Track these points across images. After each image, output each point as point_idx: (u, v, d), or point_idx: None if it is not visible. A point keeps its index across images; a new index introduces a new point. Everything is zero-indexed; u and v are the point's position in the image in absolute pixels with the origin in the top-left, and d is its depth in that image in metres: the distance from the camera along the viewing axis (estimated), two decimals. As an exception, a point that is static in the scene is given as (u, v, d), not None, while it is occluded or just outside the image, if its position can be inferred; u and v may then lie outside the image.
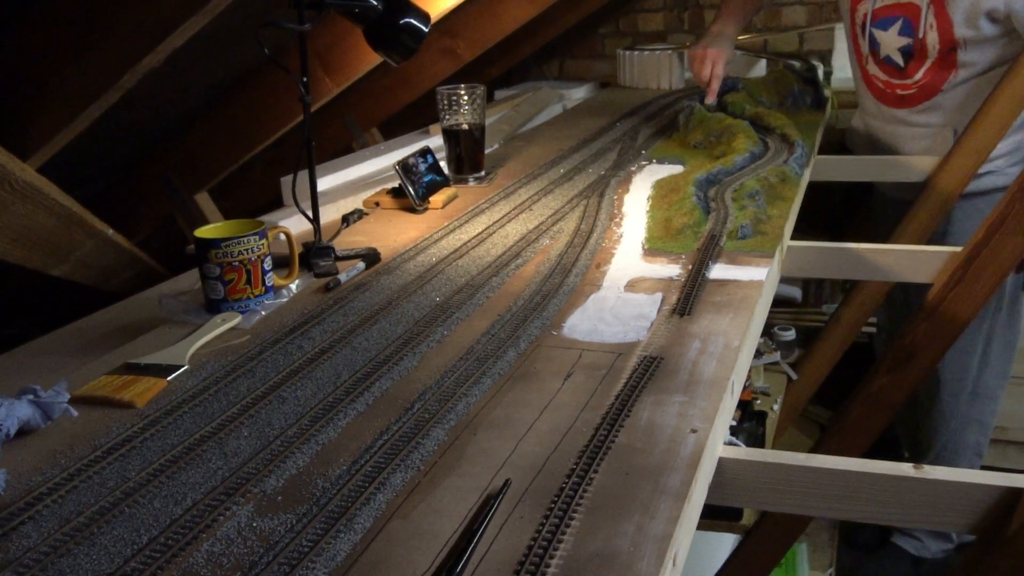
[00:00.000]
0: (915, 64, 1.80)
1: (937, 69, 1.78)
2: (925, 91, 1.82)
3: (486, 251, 1.24)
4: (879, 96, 1.91)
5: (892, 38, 1.81)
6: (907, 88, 1.84)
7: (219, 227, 1.08)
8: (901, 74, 1.83)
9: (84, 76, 1.25)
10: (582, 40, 3.55)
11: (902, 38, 1.79)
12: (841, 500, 0.83)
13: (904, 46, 1.79)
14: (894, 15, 1.80)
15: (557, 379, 0.85)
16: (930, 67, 1.78)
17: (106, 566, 0.59)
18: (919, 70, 1.80)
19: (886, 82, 1.88)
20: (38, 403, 0.79)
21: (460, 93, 1.60)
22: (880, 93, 1.91)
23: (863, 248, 1.35)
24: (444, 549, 0.60)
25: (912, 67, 1.81)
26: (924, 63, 1.79)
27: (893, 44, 1.81)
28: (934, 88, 1.80)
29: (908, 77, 1.82)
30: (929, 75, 1.79)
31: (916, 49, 1.78)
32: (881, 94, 1.91)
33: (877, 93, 1.92)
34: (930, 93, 1.81)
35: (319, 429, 0.76)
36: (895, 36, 1.80)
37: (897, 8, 1.79)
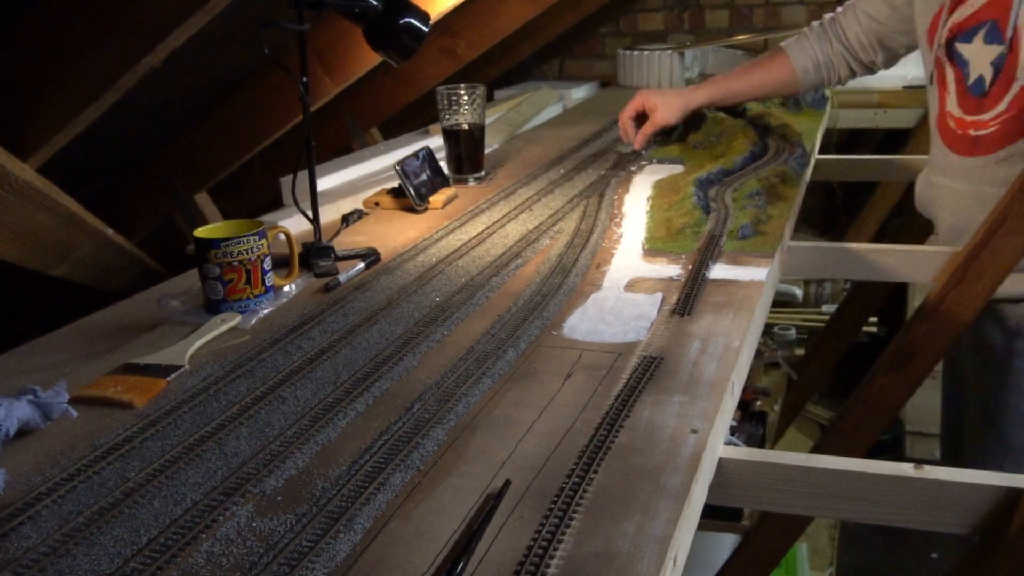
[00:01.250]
0: (999, 88, 1.28)
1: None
2: (1008, 129, 1.28)
3: (486, 251, 1.24)
4: (949, 142, 1.39)
5: (980, 50, 1.30)
6: (984, 125, 1.31)
7: (219, 227, 1.08)
8: (979, 104, 1.31)
9: (84, 76, 1.25)
10: (582, 40, 3.55)
11: (991, 47, 1.28)
12: (841, 500, 0.83)
13: (996, 58, 1.28)
14: (982, 20, 1.30)
15: (557, 379, 0.85)
16: (1020, 92, 1.26)
17: (106, 566, 0.59)
18: (1003, 96, 1.28)
19: (959, 120, 1.35)
20: (38, 403, 0.79)
21: (460, 93, 1.60)
22: (951, 137, 1.38)
23: (863, 248, 1.34)
24: (444, 549, 0.60)
25: (995, 92, 1.28)
26: (1011, 86, 1.26)
27: (983, 58, 1.30)
28: (1023, 125, 1.28)
29: (987, 109, 1.30)
30: (1017, 106, 1.26)
31: (1008, 61, 1.26)
32: (952, 138, 1.38)
33: (948, 137, 1.39)
34: (1016, 133, 1.28)
35: (319, 429, 0.76)
36: (982, 46, 1.29)
37: (985, 9, 1.30)
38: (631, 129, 1.70)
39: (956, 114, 1.36)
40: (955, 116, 1.36)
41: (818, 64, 1.62)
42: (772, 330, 2.96)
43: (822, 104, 2.28)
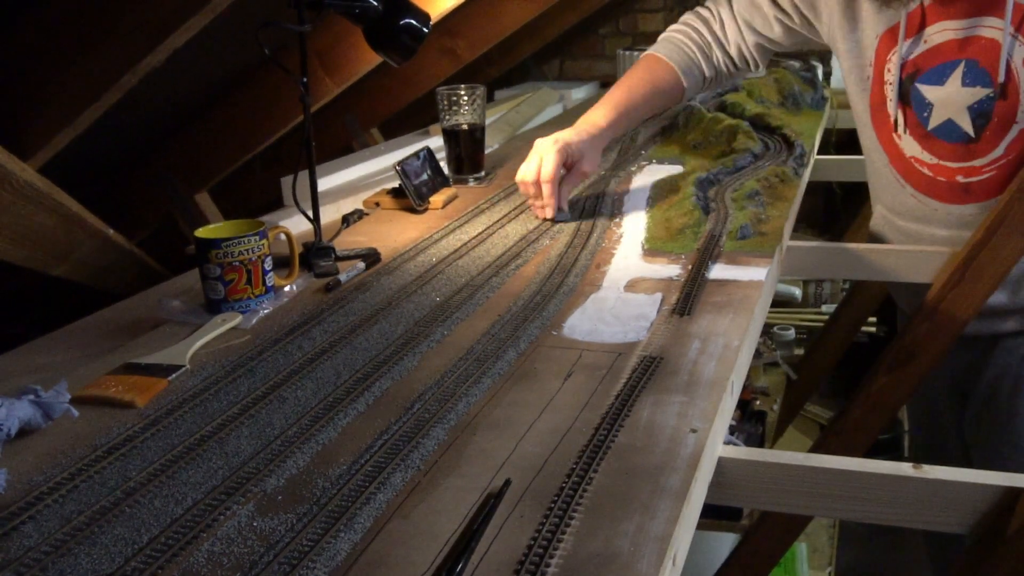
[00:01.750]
0: (993, 133, 1.19)
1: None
2: (1006, 175, 1.21)
3: (486, 251, 1.24)
4: (925, 188, 1.29)
5: (955, 93, 1.20)
6: (977, 172, 1.22)
7: (219, 227, 1.08)
8: (968, 151, 1.22)
9: (84, 76, 1.25)
10: (582, 40, 3.56)
11: (972, 89, 1.19)
12: (841, 500, 0.83)
13: (978, 103, 1.19)
14: (951, 59, 1.20)
15: (557, 379, 0.85)
16: (1019, 136, 1.18)
17: (107, 566, 0.60)
18: (999, 142, 1.19)
19: (936, 166, 1.26)
20: (39, 403, 0.79)
21: (460, 93, 1.61)
22: (927, 184, 1.28)
23: (863, 248, 1.35)
24: (444, 549, 0.60)
25: (988, 137, 1.20)
26: (1008, 130, 1.18)
27: (959, 103, 1.20)
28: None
29: (979, 156, 1.21)
30: (1016, 150, 1.19)
31: (999, 107, 1.18)
32: (929, 185, 1.28)
33: (921, 183, 1.29)
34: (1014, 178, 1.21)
35: (319, 429, 0.76)
36: (959, 89, 1.20)
37: (953, 48, 1.20)
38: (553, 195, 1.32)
39: (928, 160, 1.27)
40: (927, 163, 1.27)
41: (704, 78, 1.50)
42: (771, 330, 2.96)
43: (821, 104, 2.28)
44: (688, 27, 1.49)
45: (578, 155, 1.33)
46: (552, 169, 1.30)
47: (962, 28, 1.19)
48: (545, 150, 1.31)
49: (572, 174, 1.34)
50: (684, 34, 1.49)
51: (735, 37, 1.47)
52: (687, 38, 1.49)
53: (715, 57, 1.49)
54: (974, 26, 1.18)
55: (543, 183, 1.30)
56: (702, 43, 1.48)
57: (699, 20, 1.49)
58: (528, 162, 1.33)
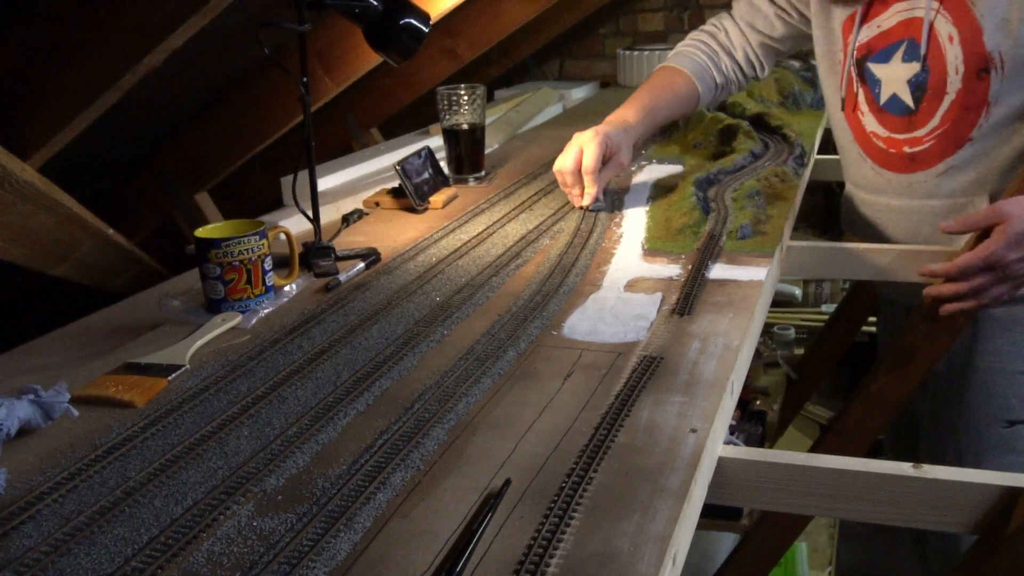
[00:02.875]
0: (928, 104, 1.28)
1: (960, 109, 1.25)
2: (944, 144, 1.28)
3: (486, 251, 1.24)
4: (881, 160, 1.38)
5: (896, 69, 1.30)
6: (919, 142, 1.31)
7: (219, 227, 1.08)
8: (910, 122, 1.31)
9: (84, 76, 1.25)
10: (582, 40, 3.56)
11: (909, 65, 1.29)
12: (841, 500, 0.83)
13: (915, 76, 1.28)
14: (896, 40, 1.30)
15: (557, 379, 0.85)
16: (951, 107, 1.26)
17: (107, 565, 0.60)
18: (935, 112, 1.28)
19: (888, 139, 1.35)
20: (39, 403, 0.79)
21: (460, 93, 1.61)
22: (882, 156, 1.37)
23: (863, 248, 1.35)
24: (444, 549, 0.60)
25: (925, 108, 1.28)
26: (941, 101, 1.27)
27: (899, 77, 1.30)
28: (958, 138, 1.27)
29: (919, 126, 1.30)
30: (950, 119, 1.27)
31: (931, 80, 1.26)
32: (883, 157, 1.37)
33: (878, 156, 1.38)
34: (951, 146, 1.28)
35: (319, 429, 0.76)
36: (900, 65, 1.30)
37: (899, 29, 1.30)
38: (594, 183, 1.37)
39: (882, 134, 1.36)
40: (882, 136, 1.36)
41: (717, 85, 1.58)
42: (772, 330, 2.97)
43: (821, 104, 2.28)
44: (696, 40, 1.60)
45: (616, 147, 1.39)
46: (593, 159, 1.34)
47: (905, 10, 1.29)
48: (585, 141, 1.36)
49: (610, 165, 1.39)
50: (693, 46, 1.58)
51: (740, 41, 1.57)
52: (696, 49, 1.58)
53: (723, 64, 1.57)
54: (913, 7, 1.28)
55: (585, 173, 1.35)
56: (710, 52, 1.57)
57: (705, 33, 1.60)
58: (567, 153, 1.37)
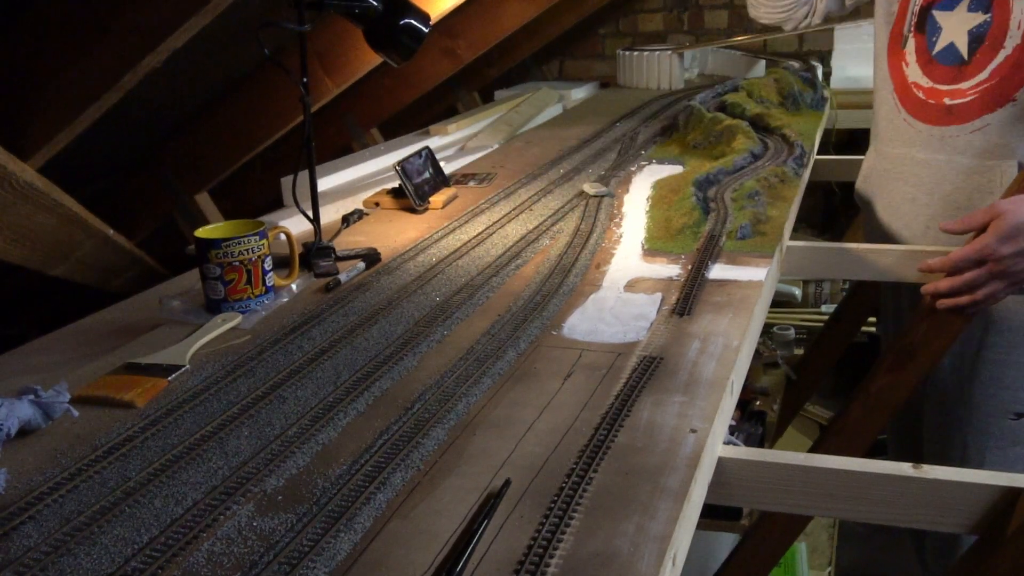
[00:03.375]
0: (983, 56, 1.26)
1: (1013, 65, 1.23)
2: (987, 99, 1.26)
3: (486, 251, 1.24)
4: (916, 111, 1.36)
5: (960, 18, 1.28)
6: (962, 95, 1.29)
7: (219, 227, 1.08)
8: (959, 72, 1.29)
9: (84, 76, 1.25)
10: (582, 40, 3.56)
11: (974, 15, 1.27)
12: (841, 500, 0.83)
13: (977, 27, 1.26)
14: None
15: (557, 379, 0.85)
16: (1004, 61, 1.23)
17: (107, 565, 0.60)
18: (987, 65, 1.26)
19: (930, 89, 1.33)
20: (39, 403, 0.79)
21: None
22: (918, 106, 1.35)
23: (863, 248, 1.34)
24: (444, 549, 0.60)
25: (978, 60, 1.27)
26: (996, 54, 1.24)
27: (961, 26, 1.28)
28: (1002, 95, 1.25)
29: (967, 78, 1.28)
30: (1000, 74, 1.24)
31: (992, 30, 1.24)
32: (920, 107, 1.35)
33: (914, 106, 1.36)
34: (994, 102, 1.26)
35: (319, 429, 0.76)
36: (964, 14, 1.28)
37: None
38: None
39: (925, 84, 1.34)
40: (923, 86, 1.35)
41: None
42: (771, 330, 2.96)
43: (821, 104, 2.28)
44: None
45: None
46: None
47: None
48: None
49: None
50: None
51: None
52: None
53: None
54: None
55: None
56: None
57: None
58: None
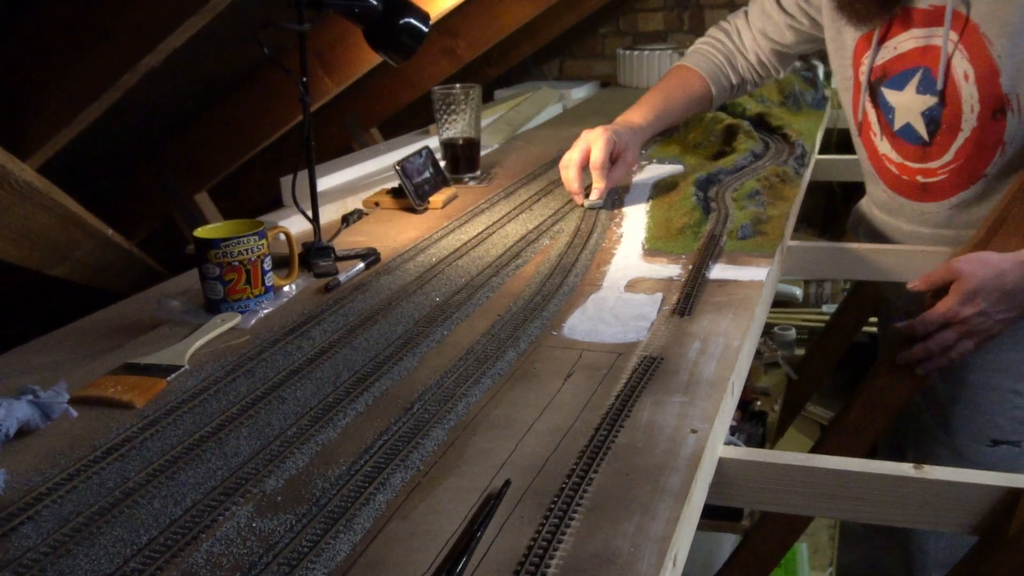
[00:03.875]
0: (943, 138, 1.25)
1: (975, 146, 1.22)
2: (958, 179, 1.26)
3: (486, 251, 1.24)
4: (894, 186, 1.35)
5: (911, 99, 1.26)
6: (932, 174, 1.28)
7: (219, 227, 1.08)
8: (924, 153, 1.28)
9: (84, 76, 1.25)
10: (582, 40, 3.55)
11: (925, 97, 1.24)
12: (841, 500, 0.83)
13: (928, 110, 1.24)
14: (912, 66, 1.25)
15: (557, 379, 0.85)
16: (965, 143, 1.23)
17: (106, 566, 0.59)
18: (949, 147, 1.24)
19: (901, 165, 1.32)
20: (38, 403, 0.79)
21: (456, 94, 1.61)
22: (894, 181, 1.35)
23: (863, 248, 1.34)
24: (444, 549, 0.60)
25: (940, 142, 1.25)
26: (956, 137, 1.23)
27: (914, 108, 1.26)
28: (973, 173, 1.24)
29: (933, 159, 1.27)
30: (964, 155, 1.24)
31: (945, 114, 1.23)
32: (896, 182, 1.35)
33: (890, 180, 1.36)
34: (966, 181, 1.26)
35: (319, 429, 0.76)
36: (914, 96, 1.25)
37: (916, 55, 1.25)
38: (602, 178, 1.39)
39: (895, 159, 1.33)
40: (895, 161, 1.34)
41: (732, 85, 1.60)
42: (772, 330, 2.96)
43: (822, 104, 2.28)
44: (713, 39, 1.60)
45: (623, 146, 1.41)
46: (602, 155, 1.37)
47: (923, 36, 1.24)
48: (593, 138, 1.38)
49: (617, 164, 1.41)
50: (710, 45, 1.59)
51: (752, 46, 1.57)
52: (713, 48, 1.59)
53: (739, 65, 1.58)
54: (931, 35, 1.23)
55: (593, 168, 1.38)
56: (726, 52, 1.58)
57: (721, 32, 1.60)
58: (574, 148, 1.39)
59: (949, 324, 1.17)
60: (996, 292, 1.14)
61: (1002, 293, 1.14)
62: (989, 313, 1.15)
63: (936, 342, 1.19)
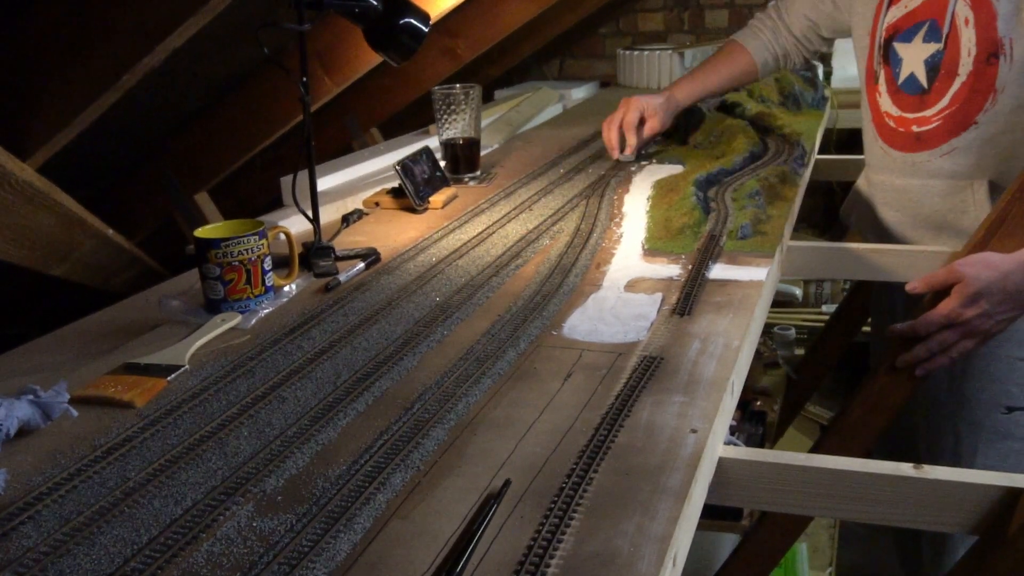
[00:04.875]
0: (941, 84, 1.32)
1: (969, 91, 1.29)
2: (951, 124, 1.32)
3: (486, 251, 1.24)
4: (889, 139, 1.43)
5: (917, 49, 1.34)
6: (927, 122, 1.35)
7: (219, 227, 1.08)
8: (921, 101, 1.35)
9: (84, 76, 1.25)
10: (582, 40, 3.56)
11: (929, 45, 1.33)
12: (841, 500, 0.83)
13: (931, 56, 1.32)
14: (920, 19, 1.34)
15: (557, 379, 0.85)
16: (960, 88, 1.30)
17: (106, 566, 0.59)
18: (946, 92, 1.32)
19: (899, 118, 1.40)
20: (38, 403, 0.79)
21: (456, 94, 1.61)
22: (891, 135, 1.42)
23: (863, 248, 1.34)
24: (444, 549, 0.60)
25: (937, 88, 1.33)
26: (952, 82, 1.31)
27: (918, 56, 1.34)
28: (964, 120, 1.31)
29: (929, 106, 1.34)
30: (959, 100, 1.30)
31: (945, 60, 1.31)
32: (892, 136, 1.42)
33: (888, 135, 1.43)
34: (957, 127, 1.32)
35: (319, 429, 0.76)
36: (920, 45, 1.34)
37: (925, 7, 1.34)
38: (633, 136, 1.70)
39: (894, 113, 1.41)
40: (893, 115, 1.41)
41: (776, 56, 1.74)
42: (772, 330, 2.96)
43: (822, 104, 2.28)
44: (764, 15, 1.76)
45: (652, 112, 1.69)
46: (632, 117, 1.69)
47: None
48: (629, 103, 1.70)
49: (647, 126, 1.70)
50: (760, 21, 1.76)
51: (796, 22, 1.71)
52: (762, 24, 1.75)
53: (784, 39, 1.73)
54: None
55: (626, 128, 1.70)
56: (773, 27, 1.74)
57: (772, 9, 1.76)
58: (616, 113, 1.71)
59: (951, 325, 1.18)
60: (999, 294, 1.15)
61: (1005, 295, 1.15)
62: (991, 314, 1.16)
63: (937, 342, 1.19)
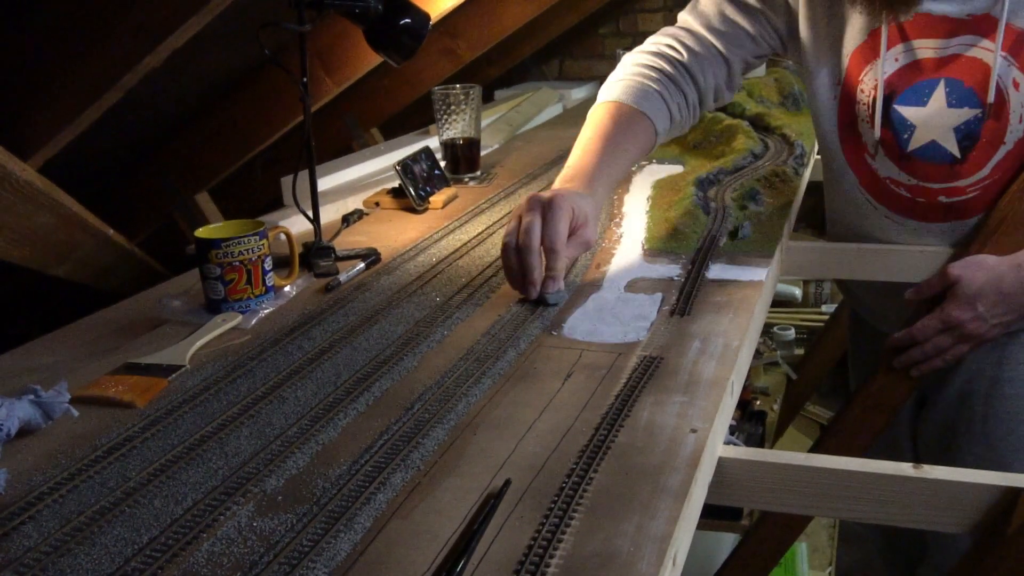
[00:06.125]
0: (981, 152, 1.15)
1: (1016, 159, 1.14)
2: (994, 193, 1.17)
3: (486, 251, 1.24)
4: (901, 209, 1.24)
5: (939, 115, 1.15)
6: (960, 192, 1.18)
7: (219, 227, 1.08)
8: (951, 171, 1.17)
9: (84, 76, 1.25)
10: (582, 40, 3.56)
11: (960, 110, 1.14)
12: (841, 500, 0.83)
13: (965, 123, 1.14)
14: (929, 78, 1.15)
15: (557, 379, 0.85)
16: (1006, 157, 1.14)
17: (107, 566, 0.59)
18: (987, 161, 1.15)
19: (916, 187, 1.20)
20: (39, 403, 0.79)
21: (456, 93, 1.61)
22: (905, 204, 1.23)
23: (863, 248, 1.34)
24: (444, 549, 0.60)
25: (976, 157, 1.15)
26: (995, 152, 1.14)
27: (943, 123, 1.15)
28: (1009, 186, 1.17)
29: (964, 176, 1.17)
30: (1002, 169, 1.15)
31: (988, 126, 1.13)
32: (907, 205, 1.23)
33: (897, 204, 1.24)
34: (997, 197, 1.18)
35: (319, 429, 0.76)
36: (944, 111, 1.14)
37: (932, 65, 1.15)
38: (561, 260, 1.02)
39: (906, 181, 1.21)
40: (904, 183, 1.22)
41: (677, 122, 1.29)
42: (772, 330, 2.97)
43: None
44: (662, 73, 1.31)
45: (583, 219, 1.04)
46: (563, 233, 1.01)
47: (940, 47, 1.15)
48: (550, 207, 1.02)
49: (572, 243, 1.04)
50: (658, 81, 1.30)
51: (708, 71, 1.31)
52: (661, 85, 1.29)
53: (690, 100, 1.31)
54: (954, 45, 1.14)
55: (553, 252, 1.01)
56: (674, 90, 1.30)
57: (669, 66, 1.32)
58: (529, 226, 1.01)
59: (946, 329, 1.17)
60: (993, 295, 1.14)
61: (1000, 296, 1.14)
62: (986, 318, 1.15)
63: (933, 345, 1.19)
